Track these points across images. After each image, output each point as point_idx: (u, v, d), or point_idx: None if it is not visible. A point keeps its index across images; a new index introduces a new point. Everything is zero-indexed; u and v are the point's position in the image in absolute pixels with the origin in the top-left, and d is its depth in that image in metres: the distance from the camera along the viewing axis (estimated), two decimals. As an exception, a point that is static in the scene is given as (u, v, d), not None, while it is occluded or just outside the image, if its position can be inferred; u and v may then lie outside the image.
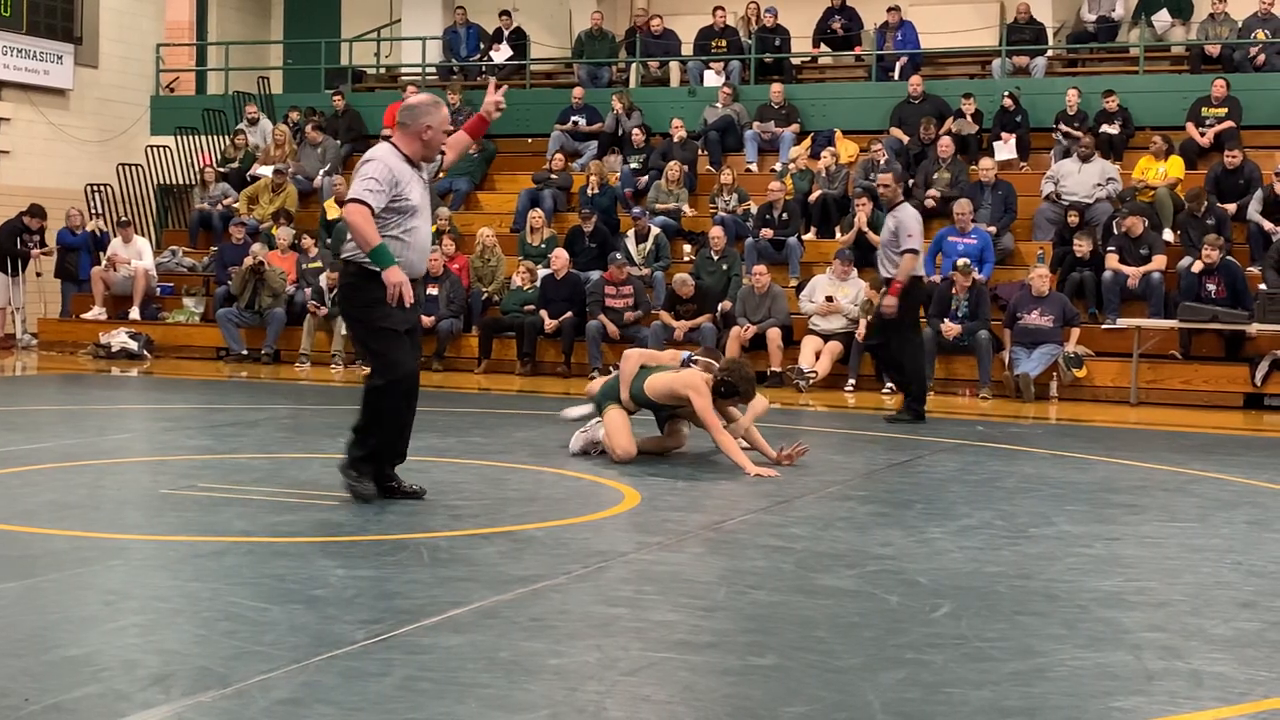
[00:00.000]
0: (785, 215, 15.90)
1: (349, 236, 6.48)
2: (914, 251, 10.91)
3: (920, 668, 4.05)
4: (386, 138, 7.40)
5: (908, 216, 11.06)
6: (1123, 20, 19.07)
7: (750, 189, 16.84)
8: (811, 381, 13.80)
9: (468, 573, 5.19)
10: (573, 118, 18.95)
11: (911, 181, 16.55)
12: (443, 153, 6.79)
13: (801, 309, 14.63)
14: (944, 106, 17.55)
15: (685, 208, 16.91)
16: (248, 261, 16.26)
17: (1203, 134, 16.41)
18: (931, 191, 16.10)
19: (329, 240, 17.01)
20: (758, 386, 8.50)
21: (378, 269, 6.31)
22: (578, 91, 19.03)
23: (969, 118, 17.24)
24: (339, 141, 19.35)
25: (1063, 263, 14.66)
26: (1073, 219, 15.08)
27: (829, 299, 14.29)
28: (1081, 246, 14.45)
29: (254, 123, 19.88)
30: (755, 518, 6.56)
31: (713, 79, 19.27)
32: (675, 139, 17.83)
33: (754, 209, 16.31)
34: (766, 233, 15.75)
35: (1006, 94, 17.14)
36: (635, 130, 18.01)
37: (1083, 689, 3.89)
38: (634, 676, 3.91)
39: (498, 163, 19.08)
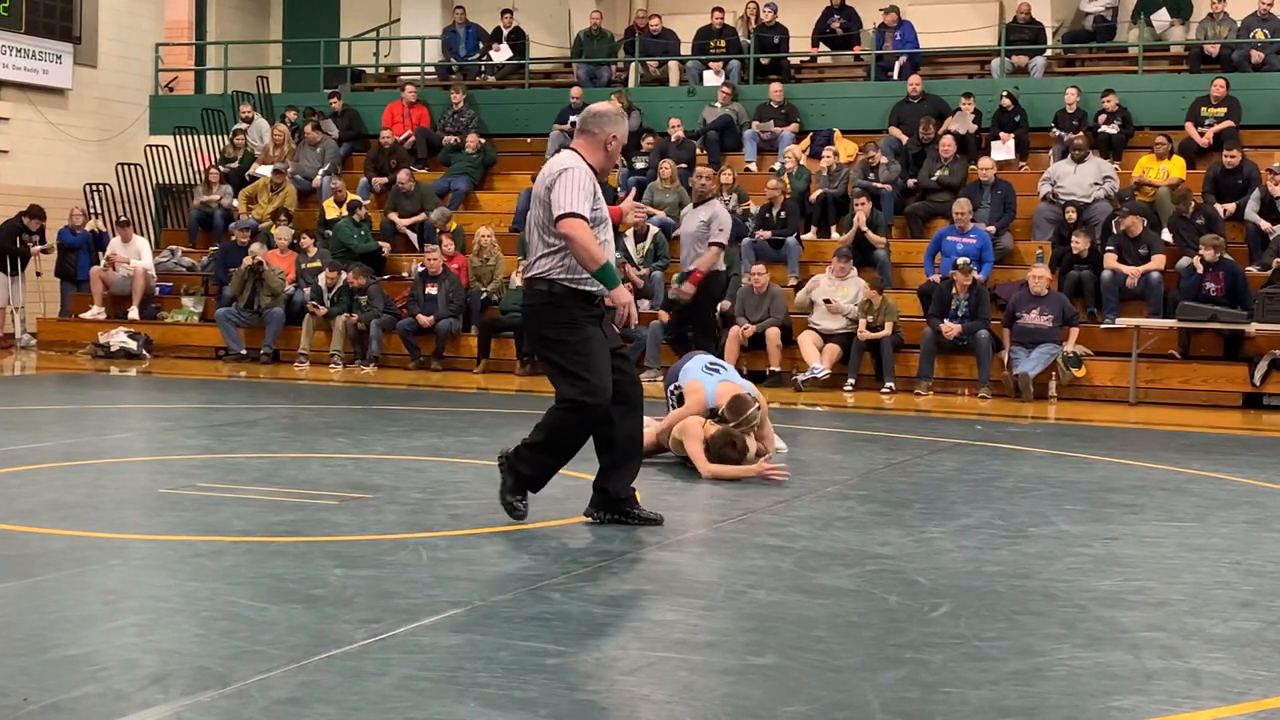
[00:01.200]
0: (784, 214, 15.90)
1: (540, 251, 6.01)
2: (721, 246, 11.26)
3: (919, 667, 4.05)
4: (376, 137, 7.31)
5: (723, 211, 11.48)
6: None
7: (750, 189, 16.83)
8: (820, 379, 13.80)
9: (466, 572, 5.19)
10: (571, 117, 18.94)
11: (913, 181, 16.58)
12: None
13: (796, 302, 14.61)
14: (943, 106, 17.56)
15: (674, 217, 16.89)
16: (247, 261, 16.25)
17: (1202, 134, 16.41)
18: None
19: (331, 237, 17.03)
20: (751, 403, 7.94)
21: (592, 289, 5.93)
22: (576, 91, 19.03)
23: (969, 117, 17.23)
24: (338, 141, 19.35)
25: (1061, 262, 14.66)
26: (1070, 216, 15.09)
27: (828, 301, 14.28)
28: (1079, 243, 14.45)
29: (249, 123, 19.87)
30: (754, 517, 6.56)
31: (712, 79, 19.27)
32: (673, 139, 17.83)
33: (754, 209, 16.31)
34: (763, 234, 15.74)
35: (1005, 94, 17.15)
36: (648, 138, 17.90)
37: (1081, 688, 3.89)
38: (633, 676, 3.91)
39: (498, 162, 19.08)
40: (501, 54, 20.65)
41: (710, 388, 8.06)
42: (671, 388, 8.40)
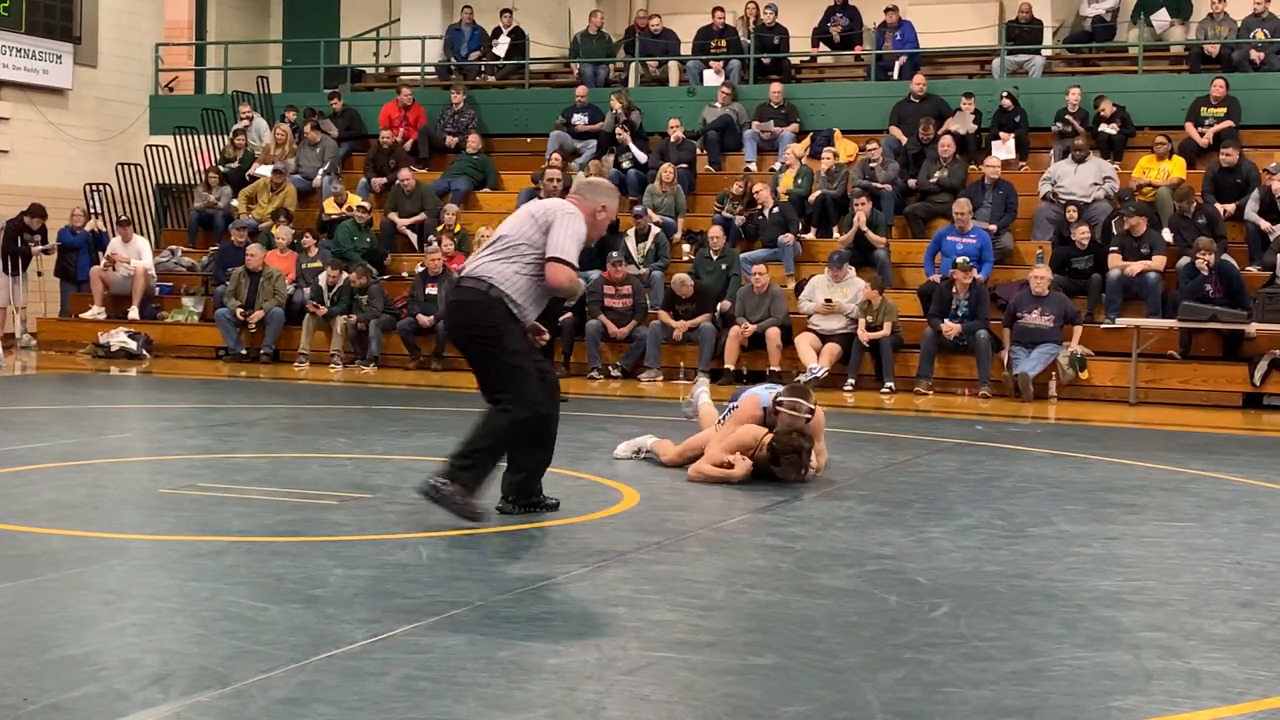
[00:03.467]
0: (777, 210, 15.89)
1: (496, 257, 6.21)
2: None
3: (919, 667, 4.05)
4: (376, 137, 7.39)
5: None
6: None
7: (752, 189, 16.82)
8: (820, 378, 13.81)
9: (467, 572, 5.19)
10: (575, 116, 18.94)
11: (912, 181, 16.57)
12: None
13: (801, 309, 14.63)
14: (943, 106, 17.55)
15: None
16: (249, 262, 16.28)
17: (1202, 134, 16.41)
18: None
19: (330, 237, 17.04)
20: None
21: (520, 316, 6.18)
22: (581, 90, 19.03)
23: (970, 117, 17.22)
24: (338, 141, 19.35)
25: (1064, 262, 14.65)
26: (1071, 214, 15.08)
27: (828, 301, 14.29)
28: (1080, 234, 14.47)
29: (249, 123, 19.87)
30: (754, 517, 6.56)
31: (712, 78, 19.27)
32: (672, 139, 17.83)
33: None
34: (787, 238, 15.75)
35: (1005, 94, 17.15)
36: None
37: (1081, 688, 3.89)
38: (633, 676, 3.91)
39: (497, 162, 19.08)
40: (502, 46, 20.66)
41: (764, 395, 7.87)
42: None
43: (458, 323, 6.35)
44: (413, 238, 17.55)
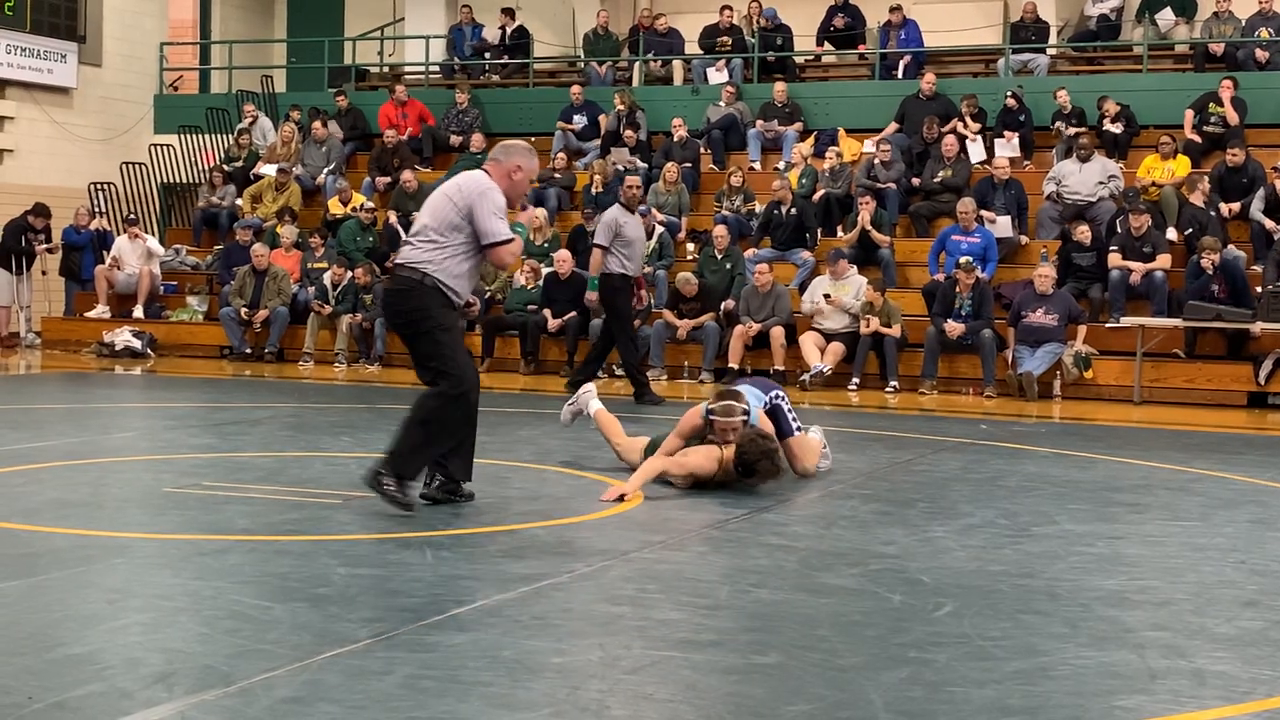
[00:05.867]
0: (794, 211, 15.87)
1: (422, 244, 6.41)
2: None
3: (923, 666, 4.05)
4: (380, 137, 7.48)
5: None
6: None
7: (754, 188, 16.83)
8: (825, 376, 13.80)
9: (470, 571, 5.19)
10: (574, 116, 18.95)
11: (916, 180, 16.57)
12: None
13: (804, 309, 14.63)
14: (949, 105, 17.53)
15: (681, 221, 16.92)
16: (254, 261, 16.30)
17: (1207, 132, 16.37)
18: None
19: (334, 236, 17.04)
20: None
21: (455, 297, 6.38)
22: (575, 89, 19.04)
23: (969, 119, 17.18)
24: (342, 140, 19.36)
25: (1067, 261, 14.63)
26: (1073, 225, 15.09)
27: (826, 296, 14.28)
28: (1082, 234, 14.46)
29: (253, 122, 19.88)
30: (758, 516, 6.56)
31: (715, 77, 19.26)
32: (676, 138, 17.83)
33: (759, 208, 16.32)
34: (765, 244, 15.79)
35: (1009, 94, 17.14)
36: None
37: (1086, 688, 3.89)
38: (637, 675, 3.91)
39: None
40: (493, 34, 20.67)
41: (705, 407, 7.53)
42: None
43: (393, 310, 6.62)
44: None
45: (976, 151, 16.81)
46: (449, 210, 6.41)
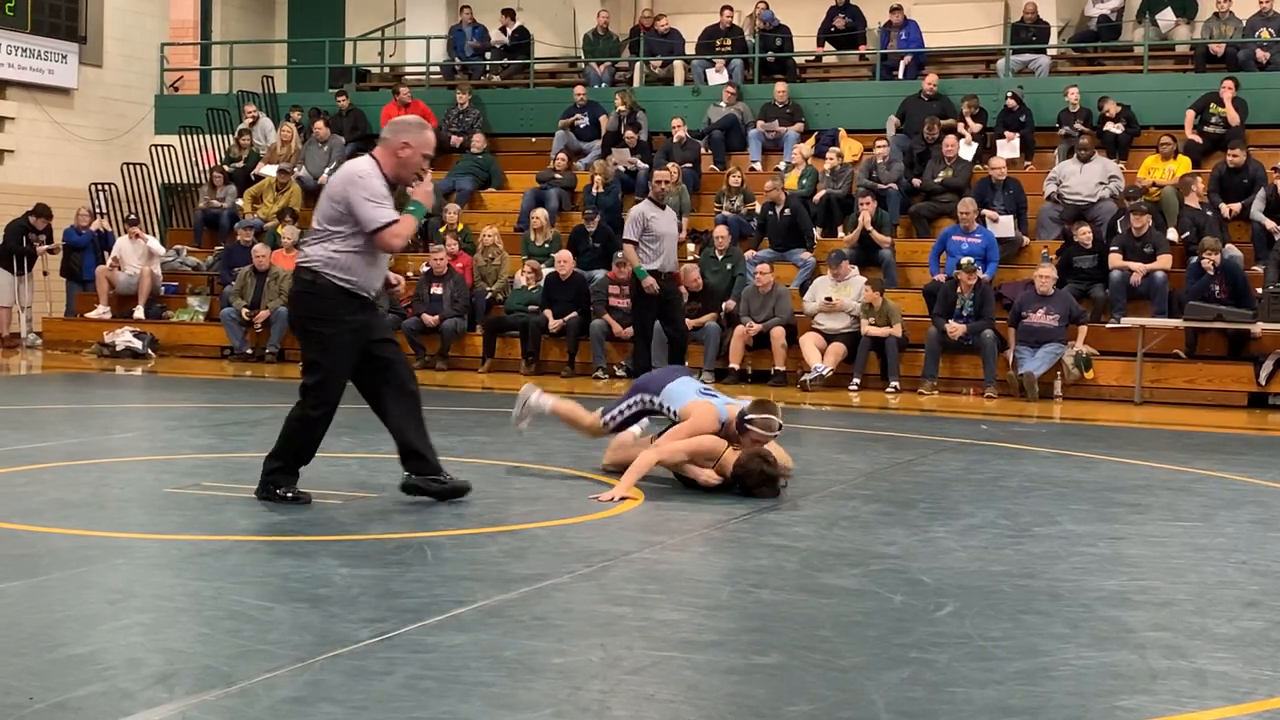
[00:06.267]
0: (788, 211, 15.88)
1: (311, 240, 6.45)
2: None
3: (924, 667, 4.05)
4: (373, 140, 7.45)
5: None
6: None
7: (756, 188, 16.84)
8: (825, 377, 13.80)
9: (471, 571, 5.19)
10: (576, 116, 18.94)
11: (916, 181, 16.57)
12: (419, 177, 6.68)
13: (805, 309, 14.63)
14: (949, 107, 17.53)
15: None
16: (256, 262, 16.30)
17: (1209, 132, 16.37)
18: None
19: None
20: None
21: (356, 290, 6.38)
22: (579, 90, 19.04)
23: (969, 120, 17.18)
24: (344, 140, 19.36)
25: (1069, 263, 14.63)
26: (1073, 225, 15.09)
27: (828, 299, 14.29)
28: (1084, 234, 14.46)
29: (254, 123, 19.89)
30: (759, 516, 6.56)
31: (715, 77, 19.27)
32: (676, 139, 17.82)
33: (758, 208, 16.32)
34: (763, 246, 15.81)
35: (1010, 94, 17.14)
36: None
37: (1087, 688, 3.89)
38: (638, 675, 3.91)
39: (502, 162, 19.10)
40: (492, 31, 20.70)
41: (721, 408, 7.28)
42: (660, 405, 7.47)
43: (291, 314, 6.71)
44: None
45: (966, 152, 16.79)
46: (328, 206, 6.44)
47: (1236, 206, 15.11)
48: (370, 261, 6.42)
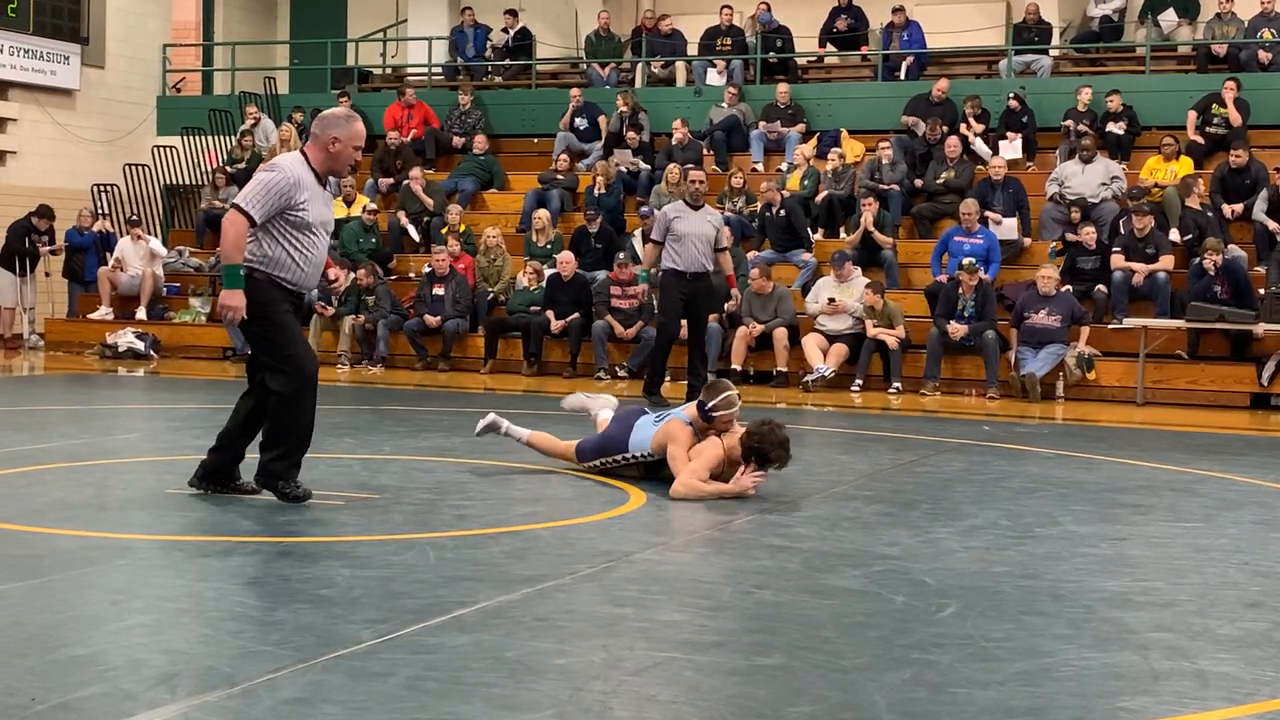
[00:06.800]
0: (783, 212, 15.88)
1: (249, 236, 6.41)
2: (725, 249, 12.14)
3: (926, 668, 4.04)
4: (383, 138, 7.39)
5: (720, 216, 12.44)
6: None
7: (757, 189, 16.82)
8: (827, 378, 13.79)
9: (473, 572, 5.19)
10: (575, 118, 18.94)
11: (920, 181, 16.57)
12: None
13: (807, 310, 14.63)
14: (950, 108, 17.52)
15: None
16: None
17: (1211, 133, 16.36)
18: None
19: (335, 238, 17.05)
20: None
21: (285, 282, 6.39)
22: (575, 92, 19.06)
23: (972, 120, 17.18)
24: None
25: (1071, 263, 14.63)
26: (1075, 215, 15.08)
27: (831, 300, 14.29)
28: (1088, 235, 14.46)
29: (256, 124, 19.89)
30: (761, 518, 6.56)
31: (715, 78, 19.28)
32: (676, 139, 17.82)
33: (759, 208, 16.32)
34: (764, 248, 15.79)
35: (1011, 95, 17.14)
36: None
37: (1089, 689, 3.89)
38: (640, 676, 3.91)
39: (504, 162, 19.11)
40: (496, 35, 20.70)
41: (680, 414, 7.38)
42: (634, 455, 7.46)
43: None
44: (417, 237, 17.55)
45: (981, 150, 16.79)
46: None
47: (1239, 207, 15.10)
48: (303, 256, 6.41)
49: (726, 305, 12.83)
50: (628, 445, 7.50)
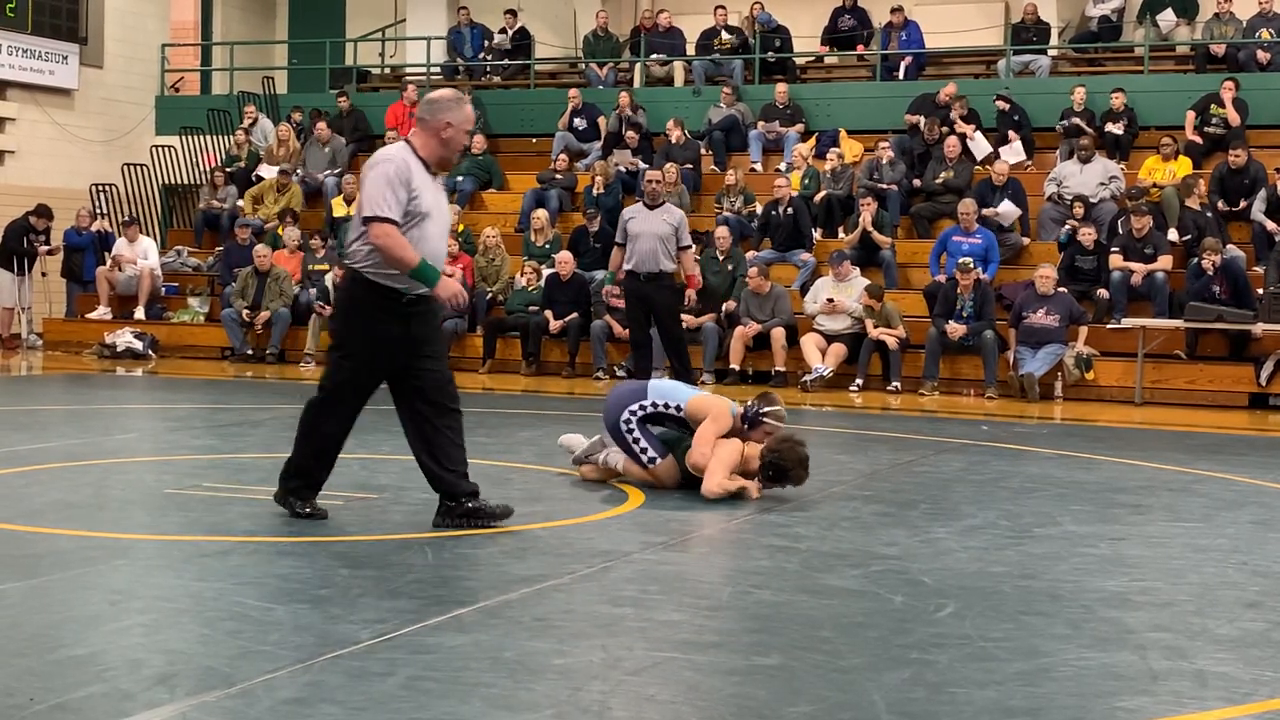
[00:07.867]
0: (790, 210, 15.87)
1: (353, 235, 5.93)
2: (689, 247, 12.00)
3: (925, 667, 4.05)
4: (382, 138, 7.21)
5: (682, 214, 12.15)
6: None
7: (756, 189, 16.84)
8: (826, 379, 13.79)
9: (472, 573, 5.19)
10: (574, 119, 18.94)
11: (917, 182, 16.57)
12: (467, 150, 6.35)
13: (805, 310, 14.63)
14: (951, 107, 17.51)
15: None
16: (257, 262, 16.31)
17: (1209, 133, 16.36)
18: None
19: (335, 238, 17.03)
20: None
21: (399, 285, 5.79)
22: (573, 93, 19.06)
23: (959, 119, 17.16)
24: (345, 141, 19.37)
25: (1070, 263, 14.63)
26: (1078, 210, 15.07)
27: (830, 300, 14.29)
28: (1086, 235, 14.46)
29: (254, 124, 19.89)
30: (760, 518, 6.56)
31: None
32: (673, 139, 17.82)
33: (759, 209, 16.32)
34: (765, 245, 15.78)
35: (997, 96, 17.15)
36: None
37: (1087, 689, 3.89)
38: (638, 676, 3.91)
39: (502, 162, 19.11)
40: (500, 39, 20.70)
41: (732, 405, 7.26)
42: (661, 404, 7.29)
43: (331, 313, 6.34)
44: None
45: (979, 150, 16.79)
46: (360, 193, 5.92)
47: (1238, 206, 15.10)
48: (420, 252, 5.75)
49: (686, 302, 12.85)
50: (646, 394, 7.35)
